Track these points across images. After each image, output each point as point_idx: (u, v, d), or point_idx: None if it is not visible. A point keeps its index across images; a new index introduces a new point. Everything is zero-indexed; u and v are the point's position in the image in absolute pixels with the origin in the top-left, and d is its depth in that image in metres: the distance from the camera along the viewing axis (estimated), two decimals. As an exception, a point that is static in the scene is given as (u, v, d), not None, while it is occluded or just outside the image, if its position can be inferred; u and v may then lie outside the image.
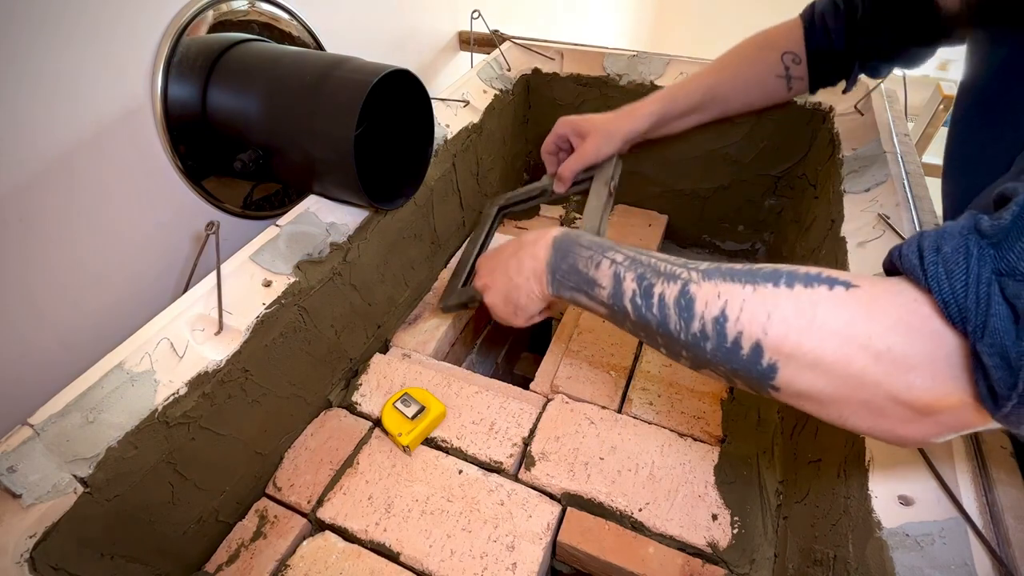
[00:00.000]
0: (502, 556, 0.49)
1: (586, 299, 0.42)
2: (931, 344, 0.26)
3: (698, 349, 0.34)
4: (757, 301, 0.31)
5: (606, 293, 0.39)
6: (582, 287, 0.41)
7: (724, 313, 0.32)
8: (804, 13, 0.62)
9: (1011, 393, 0.23)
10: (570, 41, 0.92)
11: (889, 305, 0.28)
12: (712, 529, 0.50)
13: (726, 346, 0.32)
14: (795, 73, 0.61)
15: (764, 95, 0.63)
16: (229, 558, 0.51)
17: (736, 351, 0.31)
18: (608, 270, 0.39)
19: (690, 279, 0.34)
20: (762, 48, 0.63)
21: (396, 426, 0.56)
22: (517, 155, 0.97)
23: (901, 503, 0.36)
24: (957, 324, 0.25)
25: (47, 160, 0.47)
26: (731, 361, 0.32)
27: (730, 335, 0.32)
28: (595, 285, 0.40)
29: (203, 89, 0.56)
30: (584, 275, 0.41)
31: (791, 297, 0.30)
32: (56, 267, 0.51)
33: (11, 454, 0.37)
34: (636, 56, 0.84)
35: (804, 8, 0.62)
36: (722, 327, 0.32)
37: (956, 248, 0.25)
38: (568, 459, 0.55)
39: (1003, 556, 0.31)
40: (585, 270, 0.41)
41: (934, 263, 0.25)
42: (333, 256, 0.58)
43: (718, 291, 0.33)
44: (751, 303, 0.31)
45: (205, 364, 0.46)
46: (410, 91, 0.58)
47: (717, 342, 0.32)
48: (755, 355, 0.31)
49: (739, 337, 0.31)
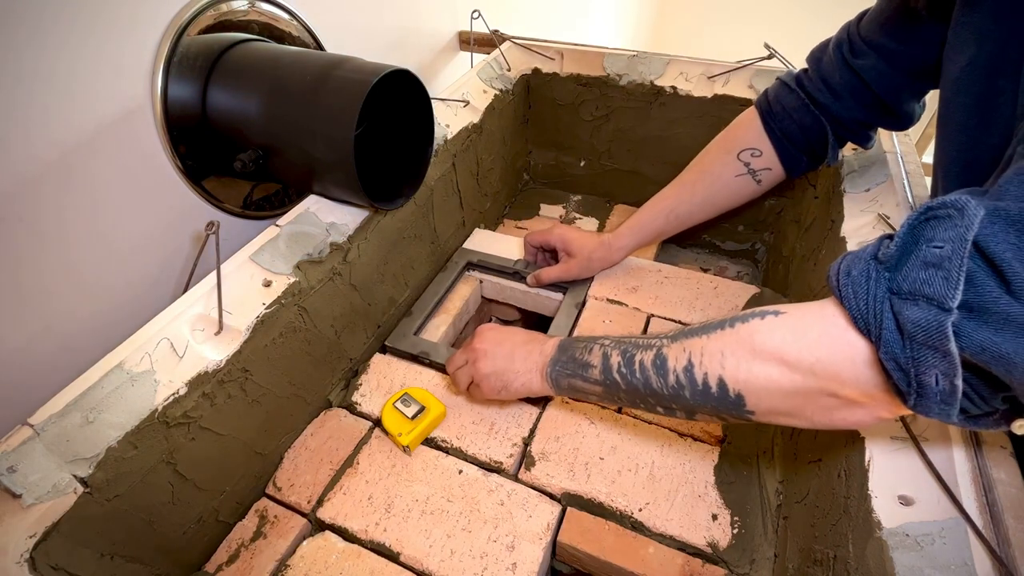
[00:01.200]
0: (502, 556, 0.49)
1: (581, 381, 0.47)
2: (850, 351, 0.31)
3: (681, 399, 0.39)
4: (712, 346, 0.37)
5: (598, 371, 0.45)
6: (578, 372, 0.47)
7: (690, 362, 0.38)
8: (758, 102, 0.62)
9: (909, 389, 0.28)
10: (570, 41, 0.92)
11: (812, 323, 0.33)
12: (712, 529, 0.50)
13: (699, 389, 0.37)
14: (758, 166, 0.62)
15: (730, 199, 0.65)
16: (229, 558, 0.51)
17: (708, 391, 0.37)
18: (598, 352, 0.45)
19: (661, 344, 0.41)
20: (718, 153, 0.64)
21: (396, 426, 0.56)
22: (517, 155, 0.97)
23: (901, 503, 0.36)
24: (865, 335, 0.30)
25: (47, 160, 0.47)
26: (709, 401, 0.37)
27: (699, 379, 0.37)
28: (589, 367, 0.46)
29: (203, 89, 0.56)
30: (580, 361, 0.47)
31: (734, 334, 0.36)
32: (56, 267, 0.51)
33: (11, 454, 0.37)
34: (636, 56, 0.84)
35: (758, 98, 0.63)
36: (691, 374, 0.38)
37: (861, 271, 0.29)
38: (568, 459, 0.55)
39: (1003, 556, 0.31)
40: (581, 357, 0.47)
41: (845, 284, 0.30)
42: (333, 256, 0.58)
43: (683, 346, 0.39)
44: (708, 348, 0.37)
45: (205, 364, 0.46)
46: (410, 91, 0.58)
47: (691, 388, 0.38)
48: (723, 391, 0.36)
49: (706, 378, 0.37)
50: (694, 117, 0.82)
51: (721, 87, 0.79)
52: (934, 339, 0.26)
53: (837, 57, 0.54)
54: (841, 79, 0.54)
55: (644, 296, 0.72)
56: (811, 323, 0.33)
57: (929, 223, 0.27)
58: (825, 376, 0.32)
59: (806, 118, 0.58)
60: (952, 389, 0.26)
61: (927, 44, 0.47)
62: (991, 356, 0.25)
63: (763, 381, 0.35)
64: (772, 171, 0.62)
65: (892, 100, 0.53)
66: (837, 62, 0.54)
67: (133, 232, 0.57)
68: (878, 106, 0.54)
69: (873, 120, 0.56)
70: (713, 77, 0.80)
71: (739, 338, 0.36)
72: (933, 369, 0.26)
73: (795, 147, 0.60)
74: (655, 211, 0.68)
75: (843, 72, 0.54)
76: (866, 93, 0.53)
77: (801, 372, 0.33)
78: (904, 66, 0.50)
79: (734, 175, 0.62)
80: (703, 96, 0.80)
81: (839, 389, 0.32)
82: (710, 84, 0.80)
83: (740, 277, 0.89)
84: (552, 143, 0.98)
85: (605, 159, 0.95)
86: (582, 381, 0.47)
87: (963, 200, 0.26)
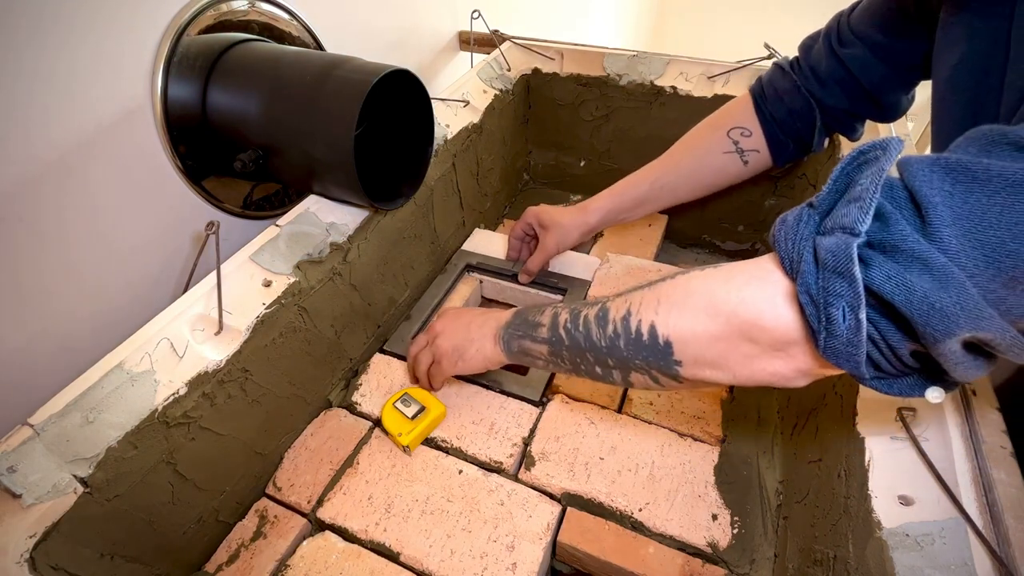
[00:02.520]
0: (502, 556, 0.49)
1: (530, 342, 0.47)
2: (772, 290, 0.31)
3: (616, 351, 0.39)
4: (650, 295, 0.38)
5: (545, 329, 0.46)
6: (528, 332, 0.48)
7: (628, 311, 0.39)
8: (752, 87, 0.63)
9: (819, 326, 0.28)
10: (570, 41, 0.92)
11: (743, 268, 0.34)
12: (712, 529, 0.50)
13: (632, 338, 0.38)
14: (747, 146, 0.62)
15: (716, 176, 0.65)
16: (229, 558, 0.51)
17: (640, 339, 0.38)
18: (549, 312, 0.46)
19: (607, 300, 0.41)
20: (708, 129, 0.64)
21: (396, 426, 0.56)
22: (517, 155, 0.97)
23: (901, 503, 0.36)
24: (788, 273, 0.30)
25: (47, 160, 0.47)
26: (640, 351, 0.38)
27: (633, 327, 0.38)
28: (538, 326, 0.46)
29: (203, 89, 0.56)
30: (530, 322, 0.48)
31: (672, 284, 0.37)
32: (56, 267, 0.51)
33: (11, 454, 0.37)
34: (636, 56, 0.84)
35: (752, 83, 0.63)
36: (627, 323, 0.38)
37: (795, 216, 0.31)
38: (568, 459, 0.55)
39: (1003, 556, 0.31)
40: (532, 319, 0.48)
41: (779, 229, 0.31)
42: (333, 256, 0.58)
43: (626, 299, 0.40)
44: (647, 298, 0.38)
45: (205, 364, 0.46)
46: (410, 91, 0.58)
47: (626, 337, 0.38)
48: (652, 338, 0.37)
49: (639, 325, 0.38)
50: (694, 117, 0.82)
51: (721, 87, 0.79)
52: (842, 263, 0.26)
53: (825, 46, 0.55)
54: (828, 67, 0.55)
55: (644, 296, 0.72)
56: (742, 269, 0.34)
57: (860, 167, 0.28)
58: (747, 317, 0.32)
59: (796, 101, 0.58)
60: (857, 325, 0.27)
61: (915, 40, 0.48)
62: (896, 285, 0.25)
63: (689, 325, 0.35)
64: (759, 154, 0.62)
65: (877, 91, 0.53)
66: (825, 50, 0.55)
67: (133, 232, 0.57)
68: (863, 96, 0.54)
69: (858, 110, 0.57)
70: (713, 77, 0.80)
71: (675, 286, 0.37)
72: (840, 299, 0.27)
73: (783, 132, 0.60)
74: (639, 178, 0.68)
75: (830, 60, 0.54)
76: (851, 83, 0.54)
77: (724, 315, 0.33)
78: (890, 59, 0.51)
79: (722, 151, 0.63)
80: (703, 96, 0.80)
81: (759, 334, 0.32)
82: (710, 84, 0.80)
83: (740, 277, 0.89)
84: (552, 143, 0.98)
85: (605, 159, 0.95)
86: (531, 341, 0.47)
87: (888, 140, 0.27)
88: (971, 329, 0.25)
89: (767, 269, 0.32)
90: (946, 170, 0.25)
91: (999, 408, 0.40)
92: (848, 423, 0.43)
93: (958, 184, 0.25)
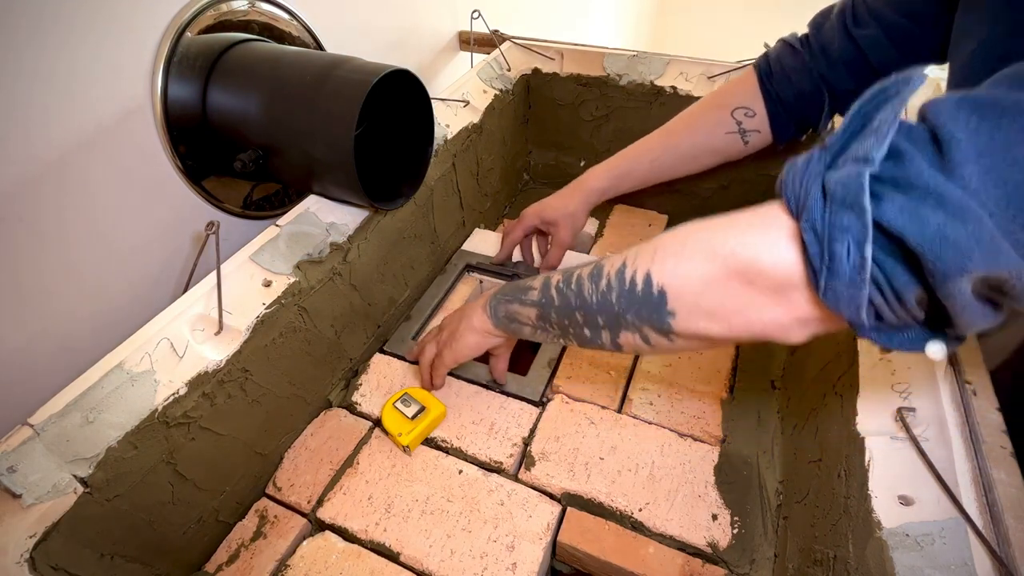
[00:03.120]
0: (502, 556, 0.49)
1: (519, 305, 0.46)
2: (775, 232, 0.30)
3: (607, 306, 0.38)
4: (647, 247, 0.37)
5: (536, 292, 0.44)
6: (517, 295, 0.47)
7: (624, 264, 0.37)
8: (757, 63, 0.61)
9: (821, 265, 0.27)
10: (570, 41, 0.92)
11: (749, 214, 0.32)
12: (712, 529, 0.50)
13: (625, 289, 0.37)
14: (749, 126, 0.60)
15: (714, 156, 0.64)
16: (229, 558, 0.51)
17: (634, 290, 0.36)
18: (541, 277, 0.45)
19: (603, 260, 0.40)
20: (711, 108, 0.63)
21: (396, 426, 0.56)
22: (517, 155, 0.97)
23: (901, 503, 0.36)
24: (792, 213, 0.29)
25: (47, 160, 0.47)
26: (633, 303, 0.37)
27: (627, 278, 0.37)
28: (528, 289, 0.45)
29: (203, 89, 0.56)
30: (520, 287, 0.47)
31: (671, 234, 0.36)
32: (55, 267, 0.51)
33: (11, 454, 0.37)
34: (636, 56, 0.84)
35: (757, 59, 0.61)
36: (622, 275, 0.37)
37: (805, 158, 0.29)
38: (568, 459, 0.55)
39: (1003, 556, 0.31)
40: (523, 284, 0.47)
41: (788, 171, 0.30)
42: (333, 256, 0.58)
43: (622, 255, 0.38)
44: (643, 250, 0.37)
45: (205, 364, 0.46)
46: (410, 91, 0.58)
47: (619, 289, 0.37)
48: (647, 287, 0.36)
49: (634, 275, 0.36)
50: (694, 117, 0.82)
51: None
52: (852, 194, 0.25)
53: (839, 25, 0.53)
54: (839, 47, 0.53)
55: (644, 296, 0.72)
56: (745, 214, 0.32)
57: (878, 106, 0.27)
58: (745, 258, 0.31)
59: (805, 82, 0.56)
60: (862, 263, 0.25)
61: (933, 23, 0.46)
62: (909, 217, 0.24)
63: (685, 270, 0.34)
64: (760, 134, 0.61)
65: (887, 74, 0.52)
66: (838, 29, 0.53)
67: (133, 232, 0.57)
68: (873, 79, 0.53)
69: None
70: (713, 77, 0.80)
71: (674, 236, 0.36)
72: (846, 234, 0.26)
73: (787, 113, 0.59)
74: (638, 156, 0.66)
75: (842, 40, 0.53)
76: (862, 64, 0.52)
77: (722, 257, 0.32)
78: (907, 42, 0.49)
79: (724, 132, 0.61)
80: (703, 96, 0.80)
81: (757, 277, 0.31)
82: (710, 84, 0.80)
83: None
84: (552, 143, 0.98)
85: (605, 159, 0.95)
86: (519, 305, 0.46)
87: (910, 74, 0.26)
88: (985, 266, 0.23)
89: (771, 214, 0.31)
90: (974, 106, 0.24)
91: (999, 408, 0.40)
92: (848, 423, 0.43)
93: (985, 120, 0.23)
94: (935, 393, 0.41)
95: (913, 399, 0.41)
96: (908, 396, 0.42)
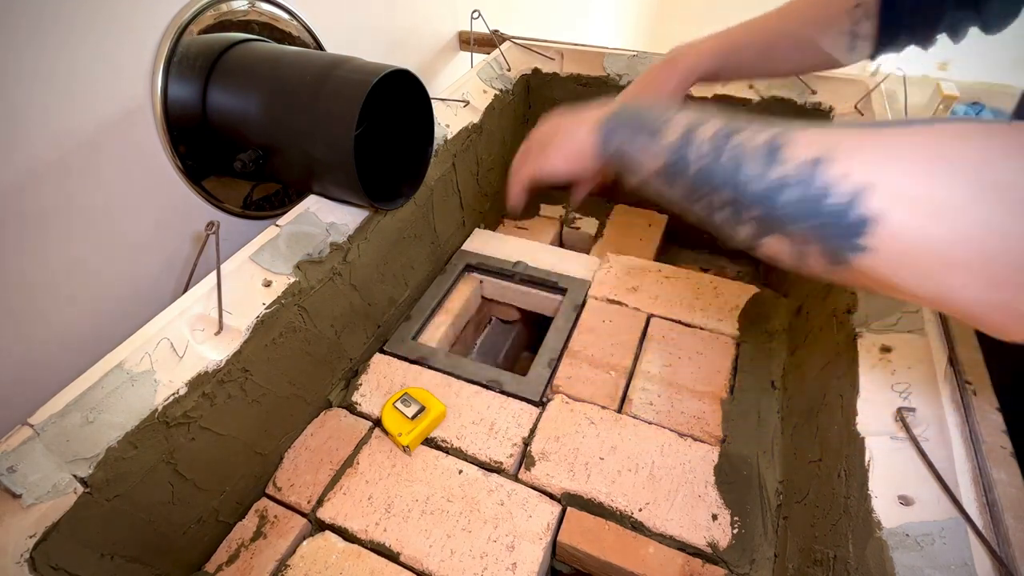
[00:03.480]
0: (502, 556, 0.49)
1: (641, 147, 0.35)
2: None
3: (770, 202, 0.28)
4: (869, 139, 0.26)
5: (670, 140, 0.33)
6: (645, 127, 0.35)
7: (822, 155, 0.27)
8: None
9: None
10: (570, 41, 0.92)
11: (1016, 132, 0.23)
12: (712, 529, 0.50)
13: (811, 192, 0.27)
14: (862, 31, 0.50)
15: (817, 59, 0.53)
16: (229, 558, 0.51)
17: (824, 199, 0.26)
18: (683, 119, 0.33)
19: (786, 130, 0.29)
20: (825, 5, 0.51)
21: (396, 426, 0.56)
22: (517, 155, 0.97)
23: (901, 503, 0.36)
24: None
25: (47, 160, 0.47)
26: (816, 213, 0.27)
27: (824, 178, 0.26)
28: (660, 132, 0.34)
29: (203, 89, 0.56)
30: (648, 118, 0.35)
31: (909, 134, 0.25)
32: (56, 267, 0.51)
33: (11, 454, 0.37)
34: (636, 56, 0.84)
35: None
36: (817, 169, 0.27)
37: None
38: (568, 459, 0.55)
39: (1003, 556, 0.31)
40: (653, 116, 0.35)
41: None
42: (333, 256, 0.58)
43: (820, 138, 0.28)
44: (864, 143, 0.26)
45: (205, 364, 0.46)
46: (410, 91, 0.58)
47: (803, 189, 0.27)
48: (852, 205, 0.25)
49: (839, 181, 0.26)
50: (694, 117, 0.82)
51: (721, 87, 0.79)
52: None
53: None
54: None
55: (644, 296, 0.72)
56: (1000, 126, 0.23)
57: None
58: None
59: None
60: None
61: None
62: None
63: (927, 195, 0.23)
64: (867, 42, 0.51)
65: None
66: None
67: (133, 232, 0.57)
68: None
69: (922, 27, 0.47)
70: (713, 77, 0.80)
71: (915, 142, 0.25)
72: None
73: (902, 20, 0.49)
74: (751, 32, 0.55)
75: None
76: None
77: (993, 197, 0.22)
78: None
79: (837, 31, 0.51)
80: (703, 96, 0.80)
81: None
82: (710, 84, 0.80)
83: (740, 277, 0.89)
84: (552, 143, 0.98)
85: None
86: (641, 147, 0.35)
87: None
88: None
89: None
90: None
91: (999, 408, 0.40)
92: (848, 423, 0.43)
93: None
94: (935, 393, 0.41)
95: (913, 399, 0.41)
96: (908, 396, 0.42)
